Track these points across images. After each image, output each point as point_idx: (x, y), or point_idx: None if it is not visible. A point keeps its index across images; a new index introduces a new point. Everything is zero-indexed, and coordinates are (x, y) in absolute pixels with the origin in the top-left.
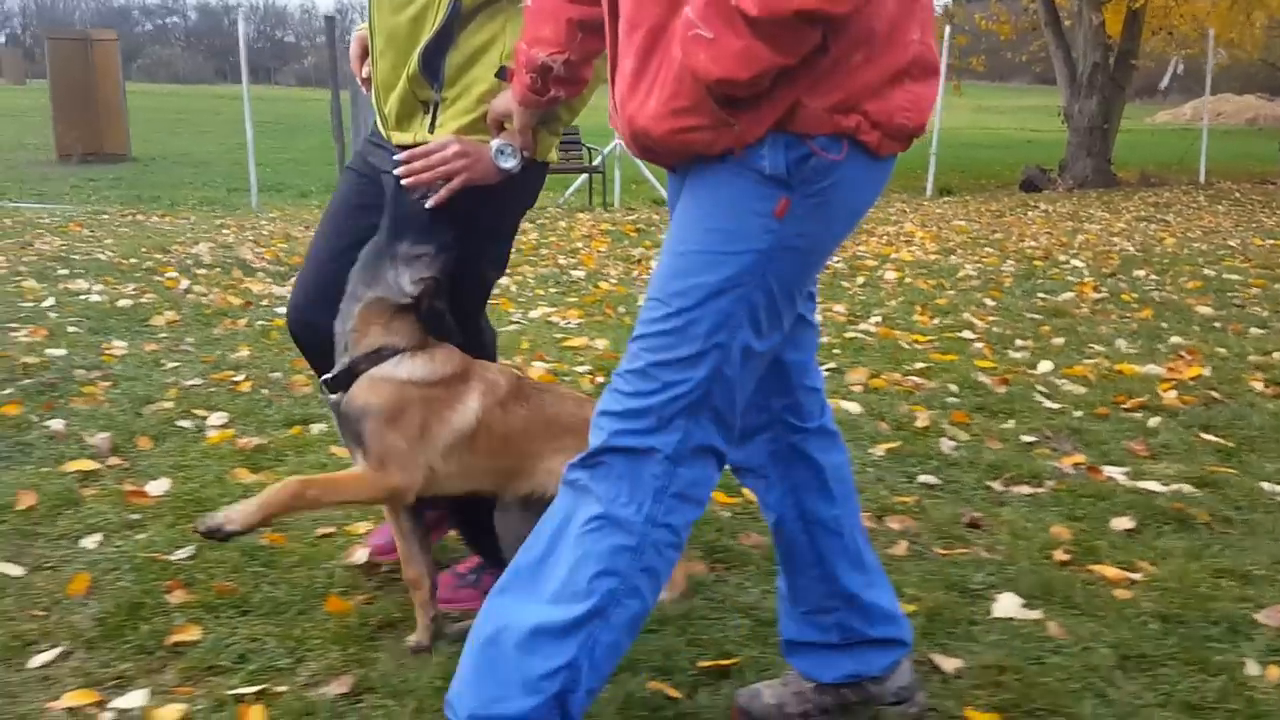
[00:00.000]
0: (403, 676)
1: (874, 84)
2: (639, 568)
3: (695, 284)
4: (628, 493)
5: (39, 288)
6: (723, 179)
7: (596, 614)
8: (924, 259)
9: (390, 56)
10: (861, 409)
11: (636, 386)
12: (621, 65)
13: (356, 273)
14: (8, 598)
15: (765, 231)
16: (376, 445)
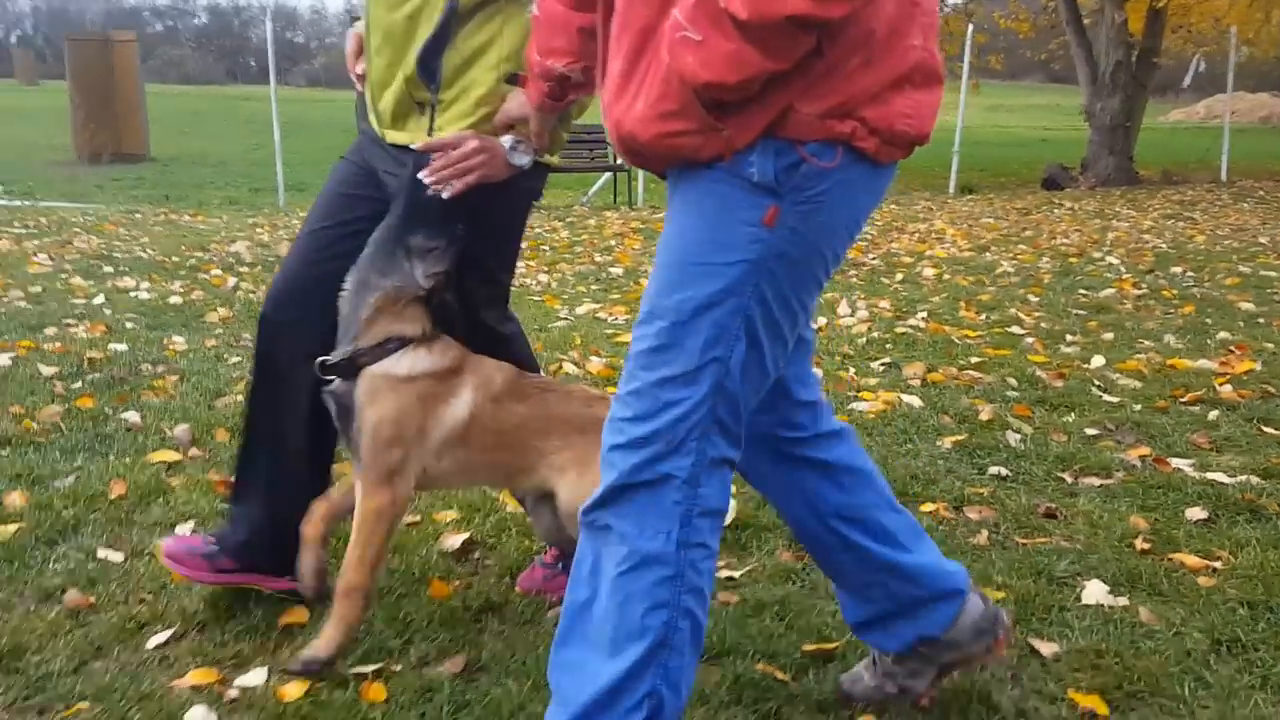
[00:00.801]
0: (513, 656)
1: (872, 89)
2: (684, 591)
3: (686, 297)
4: (653, 525)
5: (88, 285)
6: (710, 187)
7: (659, 645)
8: (959, 256)
9: (386, 54)
10: (923, 403)
11: (637, 409)
12: (610, 67)
13: (368, 260)
14: (113, 583)
15: (754, 241)
16: (377, 464)
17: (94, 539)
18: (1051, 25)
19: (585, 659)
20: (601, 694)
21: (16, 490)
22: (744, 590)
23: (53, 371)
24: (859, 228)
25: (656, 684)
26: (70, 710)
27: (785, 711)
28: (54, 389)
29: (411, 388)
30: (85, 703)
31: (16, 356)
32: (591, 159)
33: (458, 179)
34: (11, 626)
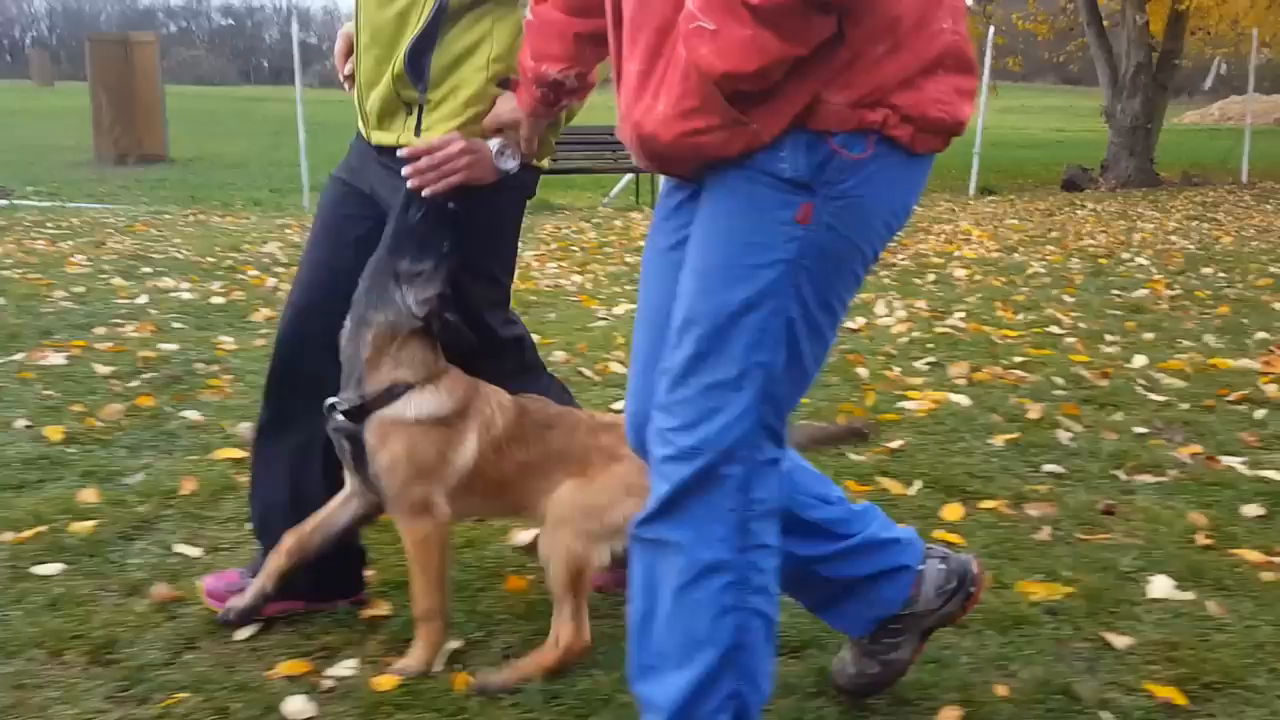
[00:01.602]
0: (599, 649)
1: (902, 76)
2: (750, 593)
3: (724, 301)
4: (711, 533)
5: (129, 285)
6: (741, 187)
7: (734, 648)
8: (988, 257)
9: (375, 52)
10: (971, 402)
11: (683, 419)
12: (626, 70)
13: (362, 295)
14: (194, 577)
15: (790, 240)
16: (405, 501)
17: (170, 534)
18: (1070, 27)
19: (660, 669)
20: (684, 700)
21: (89, 487)
22: None
23: (109, 370)
24: (899, 221)
25: (737, 684)
26: (171, 700)
27: (870, 703)
28: (111, 388)
29: (420, 430)
30: (184, 693)
31: (71, 356)
32: (615, 160)
33: (441, 181)
34: (103, 619)
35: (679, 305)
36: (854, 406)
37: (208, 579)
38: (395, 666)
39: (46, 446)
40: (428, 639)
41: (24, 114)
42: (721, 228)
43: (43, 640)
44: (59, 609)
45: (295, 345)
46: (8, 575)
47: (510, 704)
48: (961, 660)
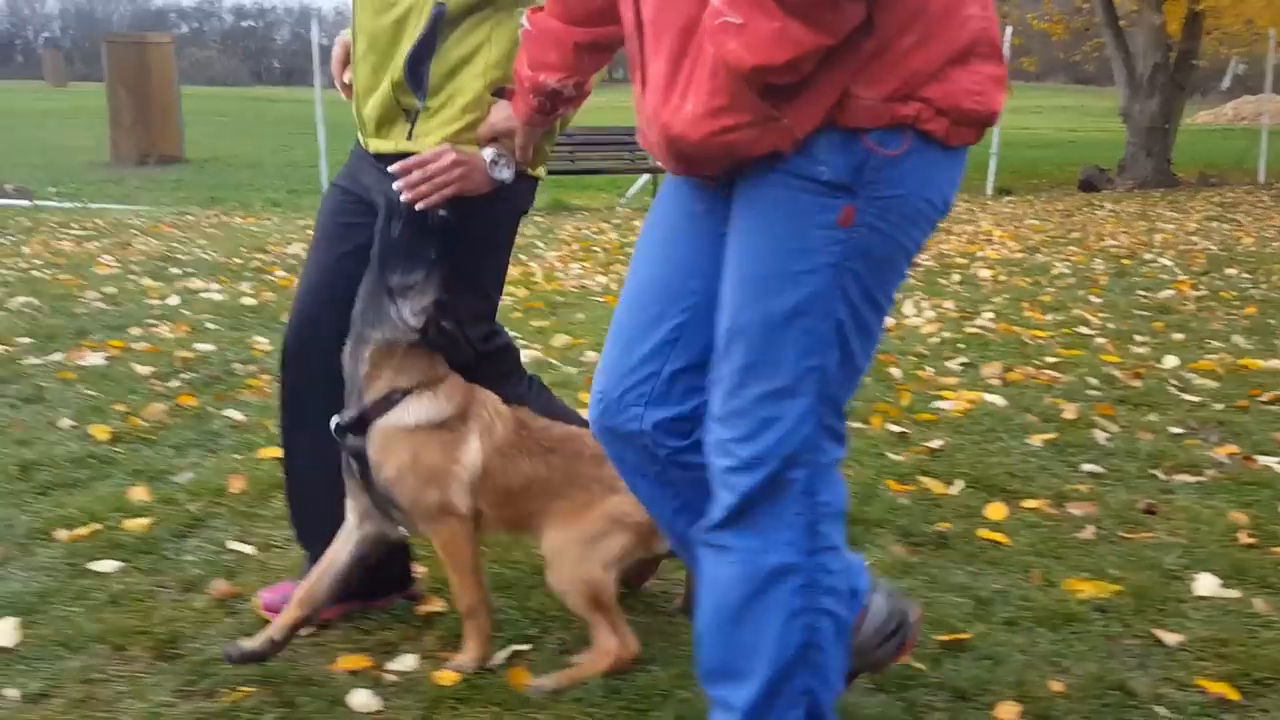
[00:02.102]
0: (651, 644)
1: (932, 67)
2: (819, 593)
3: (771, 310)
4: (778, 538)
5: (159, 286)
6: (779, 194)
7: (806, 647)
8: (1011, 257)
9: (372, 60)
10: (1005, 402)
11: (742, 430)
12: (651, 72)
13: (359, 315)
14: (251, 574)
15: (833, 243)
16: (421, 508)
17: (223, 532)
18: (1085, 27)
19: (733, 671)
20: (759, 698)
21: (139, 485)
22: None
23: (148, 371)
24: (940, 214)
25: (810, 681)
26: (238, 694)
27: (927, 699)
28: (153, 388)
29: (421, 435)
30: (250, 687)
31: (110, 356)
32: (632, 160)
33: (435, 193)
34: (164, 615)
35: (723, 315)
36: (889, 406)
37: (264, 594)
38: (453, 663)
39: (94, 445)
40: (477, 633)
41: (39, 115)
42: (762, 237)
43: (106, 636)
44: (120, 605)
45: (304, 353)
46: (66, 572)
47: (571, 699)
48: (1015, 657)
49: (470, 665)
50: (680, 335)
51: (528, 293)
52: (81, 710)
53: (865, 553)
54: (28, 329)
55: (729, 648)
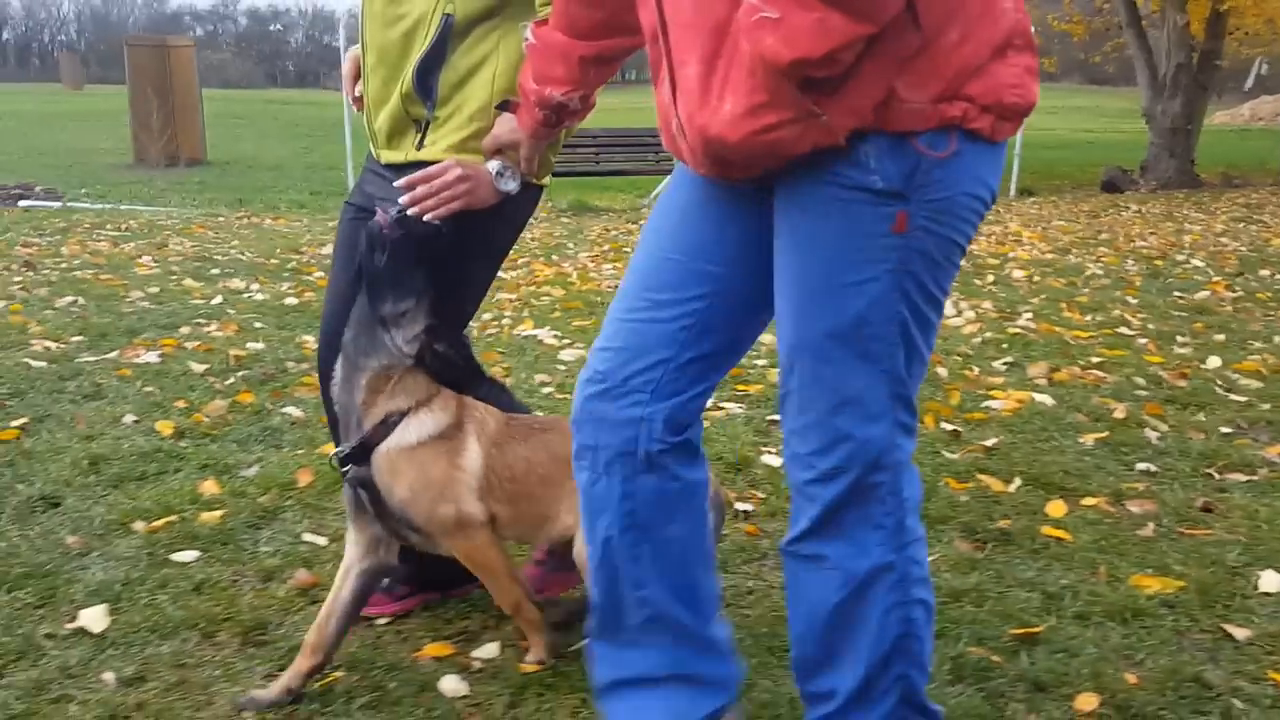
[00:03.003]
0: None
1: (974, 63)
2: (911, 585)
3: (834, 322)
4: (869, 541)
5: (201, 286)
6: (831, 206)
7: (902, 637)
8: (1042, 258)
9: (381, 73)
10: (1054, 401)
11: (819, 443)
12: (682, 76)
13: (351, 343)
14: (328, 564)
15: (890, 250)
16: (439, 525)
17: (296, 524)
18: (1106, 28)
19: (831, 668)
20: (856, 689)
21: (208, 479)
22: (933, 579)
23: (204, 368)
24: (987, 206)
25: (905, 668)
26: (330, 678)
27: (1007, 690)
28: (211, 385)
29: (426, 450)
30: (340, 672)
31: (163, 354)
32: (656, 162)
33: (440, 207)
34: (248, 603)
35: (784, 330)
36: (940, 405)
37: None
38: (529, 659)
39: (159, 440)
40: (532, 628)
41: (58, 117)
42: (818, 250)
43: (195, 623)
44: (204, 593)
45: None
46: (147, 562)
47: None
48: (1088, 650)
49: (541, 658)
50: (695, 322)
51: (564, 292)
52: (177, 693)
53: (930, 549)
54: (79, 327)
55: (827, 647)
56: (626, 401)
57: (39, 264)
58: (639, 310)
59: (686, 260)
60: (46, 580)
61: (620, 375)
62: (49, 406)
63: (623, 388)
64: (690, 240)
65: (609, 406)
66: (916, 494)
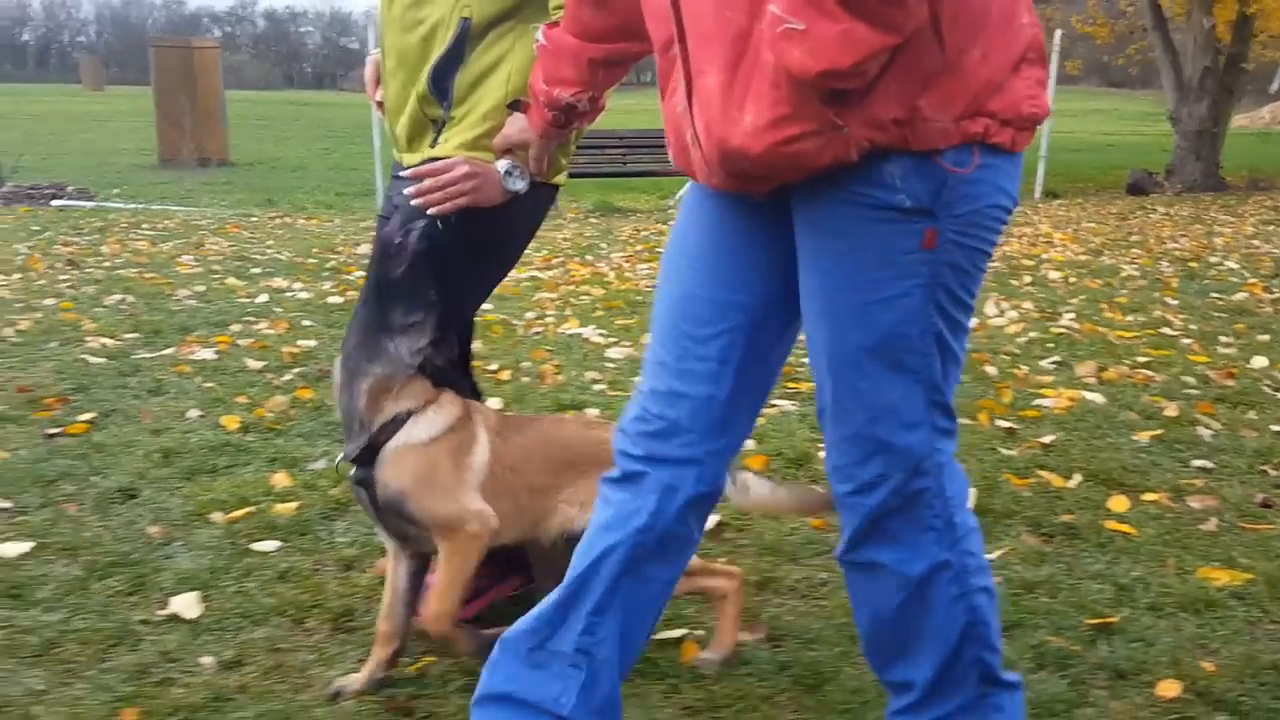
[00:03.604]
0: (808, 626)
1: (995, 80)
2: (969, 575)
3: (868, 338)
4: (922, 543)
5: (245, 285)
6: (859, 226)
7: (970, 625)
8: (1076, 259)
9: (401, 77)
10: (1105, 399)
11: (859, 454)
12: (700, 84)
13: (355, 349)
14: None
15: (921, 265)
16: (435, 520)
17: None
18: (1130, 31)
19: (904, 661)
20: (934, 679)
21: (279, 471)
22: (1004, 572)
23: (260, 365)
24: (1009, 212)
25: (978, 651)
26: (422, 662)
27: (1088, 677)
28: (270, 381)
29: (436, 447)
30: (432, 656)
31: (219, 351)
32: None
33: (447, 202)
34: (333, 591)
35: (818, 346)
36: (993, 403)
37: None
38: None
39: (226, 435)
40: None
41: (80, 118)
42: (846, 270)
43: (284, 609)
44: (289, 581)
45: None
46: (230, 551)
47: (745, 673)
48: (1164, 639)
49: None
50: (735, 354)
51: (604, 292)
52: (275, 676)
53: (998, 543)
54: (131, 325)
55: (897, 645)
56: (680, 441)
57: (81, 262)
58: (678, 351)
59: (716, 294)
60: (134, 569)
61: (672, 415)
62: (114, 401)
63: (674, 429)
64: (715, 273)
65: (663, 445)
66: (962, 490)
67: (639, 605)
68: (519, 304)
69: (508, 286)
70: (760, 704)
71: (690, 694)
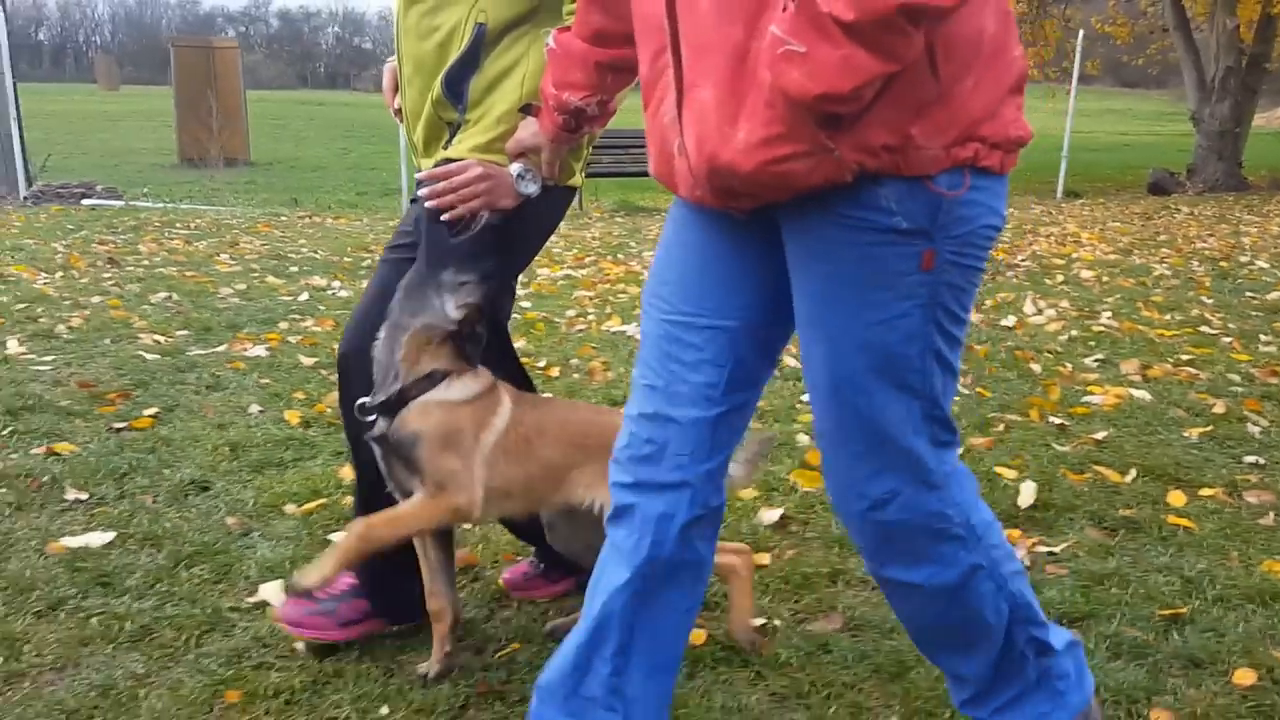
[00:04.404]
0: (885, 616)
1: (988, 109)
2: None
3: (869, 357)
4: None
5: (285, 283)
6: (854, 251)
7: (1014, 609)
8: (1105, 258)
9: (418, 83)
10: (1152, 396)
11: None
12: (693, 97)
13: (399, 303)
14: (479, 544)
15: (919, 286)
16: (433, 470)
17: None
18: (1150, 31)
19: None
20: (992, 671)
21: (345, 465)
22: (1071, 564)
23: (312, 361)
24: (998, 230)
25: (1029, 630)
26: (506, 650)
27: (1164, 666)
28: (323, 377)
29: (464, 409)
30: (517, 643)
31: (270, 348)
32: None
33: (461, 204)
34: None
35: (816, 368)
36: (1042, 400)
37: (506, 574)
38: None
39: (289, 429)
40: (341, 556)
41: (97, 117)
42: (844, 293)
43: None
44: None
45: None
46: (307, 542)
47: (827, 660)
48: (1235, 629)
49: (307, 580)
50: (722, 378)
51: (640, 290)
52: (366, 661)
53: (1062, 536)
54: (181, 322)
55: (948, 645)
56: (669, 465)
57: (121, 261)
58: (666, 375)
59: (702, 318)
60: (218, 558)
61: (661, 439)
62: (175, 397)
63: (662, 453)
64: (701, 296)
65: (653, 470)
66: (972, 490)
67: (663, 635)
68: (558, 302)
69: (545, 285)
70: (846, 691)
71: (776, 681)
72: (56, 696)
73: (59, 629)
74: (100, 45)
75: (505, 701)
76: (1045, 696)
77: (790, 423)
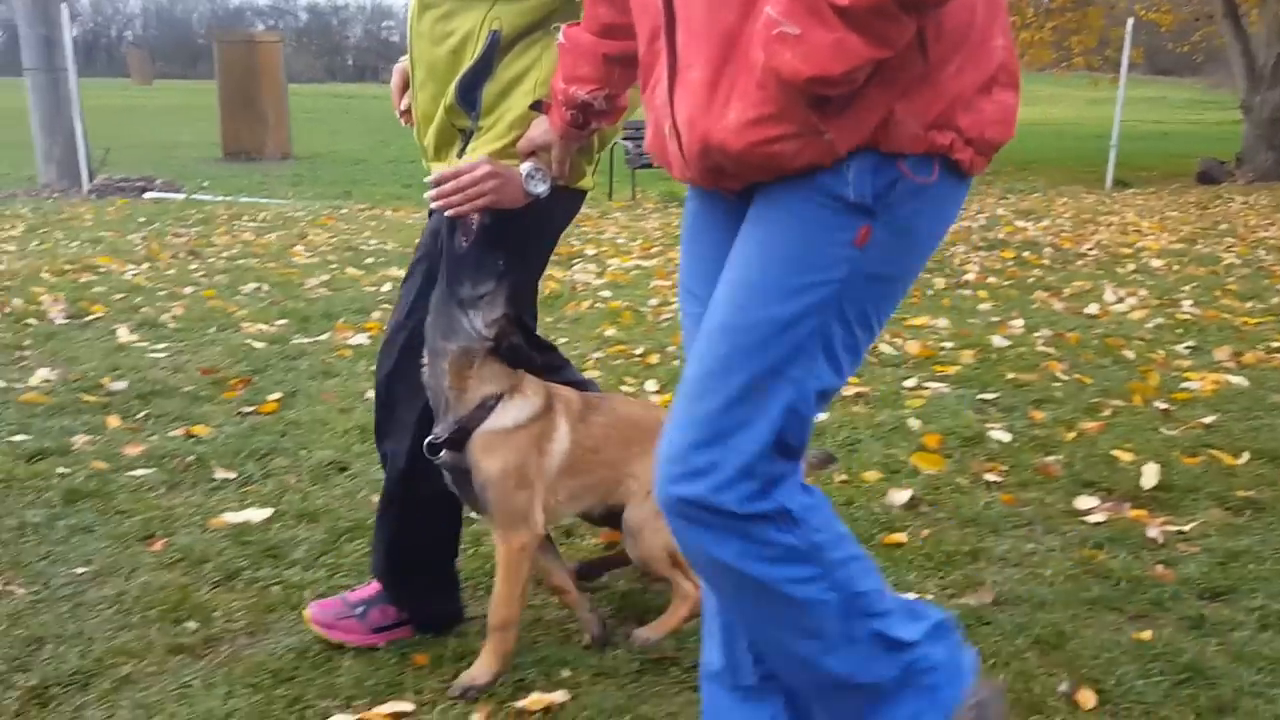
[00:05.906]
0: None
1: (966, 95)
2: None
3: (765, 317)
4: (810, 569)
5: (364, 275)
6: (801, 208)
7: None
8: (1171, 248)
9: (430, 88)
10: (1249, 383)
11: (696, 436)
12: (686, 79)
13: (432, 327)
14: None
15: (843, 261)
16: (504, 512)
17: None
18: (1195, 18)
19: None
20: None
21: None
22: (1203, 541)
23: None
24: (938, 243)
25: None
26: None
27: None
28: None
29: (522, 435)
30: None
31: (372, 337)
32: None
33: (467, 204)
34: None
35: (714, 313)
36: (1141, 386)
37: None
38: (460, 681)
39: None
40: (497, 649)
41: (133, 111)
42: (775, 247)
43: None
44: None
45: None
46: None
47: (986, 632)
48: None
49: (482, 682)
50: None
51: None
52: (538, 630)
53: (1190, 516)
54: (278, 312)
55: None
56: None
57: (201, 253)
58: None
59: None
60: None
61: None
62: (293, 383)
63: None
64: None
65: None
66: (820, 518)
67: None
68: (636, 291)
69: (620, 275)
70: (1012, 660)
71: None
72: (257, 659)
73: (240, 597)
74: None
75: (680, 666)
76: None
77: (899, 407)
